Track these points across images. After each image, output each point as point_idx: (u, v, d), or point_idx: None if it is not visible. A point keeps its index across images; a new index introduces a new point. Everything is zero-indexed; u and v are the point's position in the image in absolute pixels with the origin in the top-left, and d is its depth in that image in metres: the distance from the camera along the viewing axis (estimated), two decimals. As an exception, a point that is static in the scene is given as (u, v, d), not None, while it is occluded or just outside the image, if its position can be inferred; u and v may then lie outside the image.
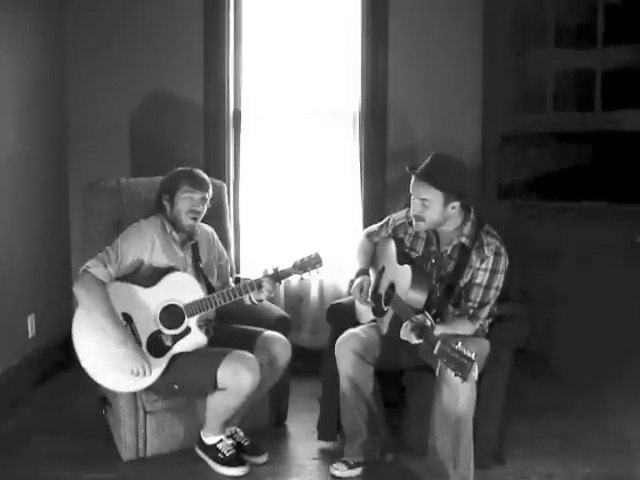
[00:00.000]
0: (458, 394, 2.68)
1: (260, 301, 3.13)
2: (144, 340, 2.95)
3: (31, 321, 3.79)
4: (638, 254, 3.68)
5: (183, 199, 3.04)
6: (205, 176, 3.13)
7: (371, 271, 3.14)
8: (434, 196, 2.83)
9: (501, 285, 2.88)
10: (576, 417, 3.53)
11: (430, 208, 2.85)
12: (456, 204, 2.85)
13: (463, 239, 2.90)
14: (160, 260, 3.04)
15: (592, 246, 3.80)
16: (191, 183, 3.05)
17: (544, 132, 3.98)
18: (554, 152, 3.98)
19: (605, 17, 3.79)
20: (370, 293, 3.04)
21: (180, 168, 3.15)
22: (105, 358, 2.91)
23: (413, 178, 2.91)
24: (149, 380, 2.92)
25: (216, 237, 3.31)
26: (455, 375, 2.46)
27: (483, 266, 2.86)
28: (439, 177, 2.82)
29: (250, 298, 3.10)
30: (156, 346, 2.95)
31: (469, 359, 2.43)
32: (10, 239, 3.60)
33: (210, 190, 3.11)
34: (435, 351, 2.52)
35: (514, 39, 3.96)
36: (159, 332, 2.97)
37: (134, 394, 3.05)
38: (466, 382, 2.64)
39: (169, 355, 2.96)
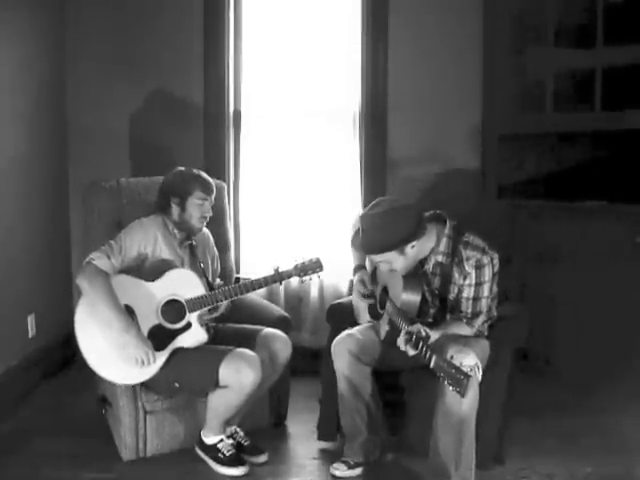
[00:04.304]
0: (462, 395, 2.67)
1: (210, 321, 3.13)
2: (145, 333, 2.95)
3: (31, 321, 3.79)
4: (638, 254, 3.68)
5: (196, 205, 3.06)
6: (210, 179, 3.15)
7: (367, 264, 3.14)
8: (388, 256, 2.75)
9: (492, 292, 2.82)
10: (576, 417, 3.53)
11: (393, 263, 2.77)
12: (414, 243, 2.75)
13: (439, 257, 2.82)
14: (162, 256, 3.06)
15: (592, 246, 3.80)
16: (203, 189, 3.08)
17: (544, 132, 3.98)
18: (554, 152, 3.98)
19: (605, 17, 3.79)
20: (370, 287, 3.04)
21: (184, 169, 3.14)
22: (108, 349, 2.91)
23: None
24: (152, 370, 2.93)
25: (212, 240, 3.34)
26: (452, 390, 2.45)
27: (467, 282, 2.79)
28: (379, 243, 2.72)
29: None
30: (157, 339, 2.95)
31: (466, 375, 2.40)
32: (10, 239, 3.60)
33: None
34: (431, 365, 2.49)
35: (514, 39, 3.97)
36: (160, 326, 2.97)
37: (134, 394, 3.05)
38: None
39: (170, 349, 2.96)
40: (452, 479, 2.76)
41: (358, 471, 3.00)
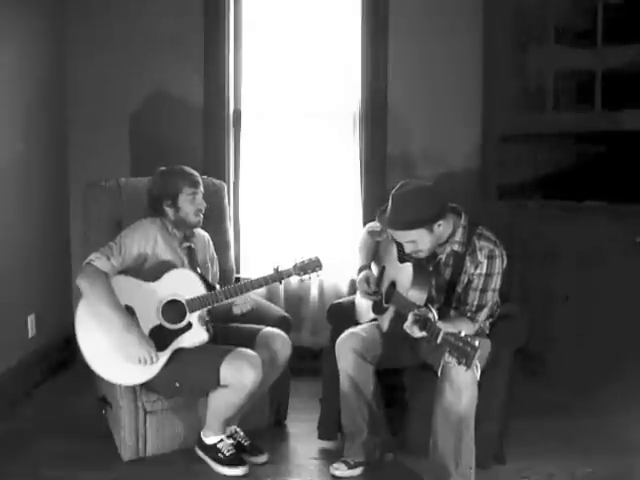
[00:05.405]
0: (461, 394, 2.68)
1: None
2: (146, 333, 2.95)
3: (31, 321, 3.79)
4: (638, 254, 3.68)
5: (188, 201, 3.08)
6: (193, 170, 3.16)
7: (373, 266, 3.14)
8: (416, 234, 2.78)
9: (498, 286, 2.86)
10: (576, 417, 3.53)
11: (420, 242, 2.80)
12: (441, 222, 2.80)
13: (455, 246, 2.87)
14: (163, 256, 3.06)
15: (592, 246, 3.80)
16: (190, 184, 3.09)
17: (544, 132, 3.98)
18: (554, 152, 3.98)
19: (605, 17, 3.79)
20: (374, 286, 3.04)
21: (164, 170, 3.15)
22: (109, 349, 2.91)
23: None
24: (153, 370, 2.93)
25: (211, 243, 3.35)
26: (459, 363, 2.46)
27: (477, 271, 2.83)
28: (410, 218, 2.76)
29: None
30: (158, 340, 2.95)
31: (473, 346, 2.42)
32: (10, 239, 3.60)
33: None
34: (438, 340, 2.50)
35: (514, 39, 3.97)
36: (160, 326, 2.97)
37: (134, 394, 3.05)
38: (468, 381, 2.66)
39: (170, 349, 2.96)
40: (452, 478, 2.76)
41: (358, 471, 3.00)
